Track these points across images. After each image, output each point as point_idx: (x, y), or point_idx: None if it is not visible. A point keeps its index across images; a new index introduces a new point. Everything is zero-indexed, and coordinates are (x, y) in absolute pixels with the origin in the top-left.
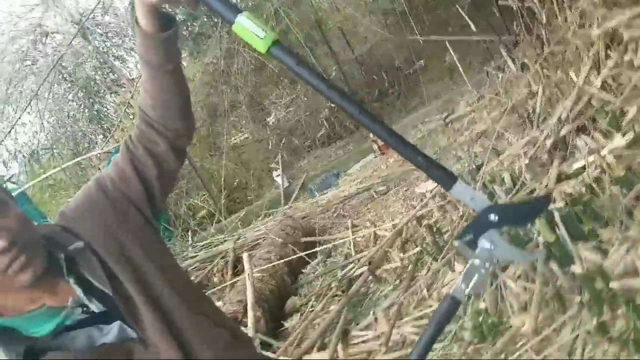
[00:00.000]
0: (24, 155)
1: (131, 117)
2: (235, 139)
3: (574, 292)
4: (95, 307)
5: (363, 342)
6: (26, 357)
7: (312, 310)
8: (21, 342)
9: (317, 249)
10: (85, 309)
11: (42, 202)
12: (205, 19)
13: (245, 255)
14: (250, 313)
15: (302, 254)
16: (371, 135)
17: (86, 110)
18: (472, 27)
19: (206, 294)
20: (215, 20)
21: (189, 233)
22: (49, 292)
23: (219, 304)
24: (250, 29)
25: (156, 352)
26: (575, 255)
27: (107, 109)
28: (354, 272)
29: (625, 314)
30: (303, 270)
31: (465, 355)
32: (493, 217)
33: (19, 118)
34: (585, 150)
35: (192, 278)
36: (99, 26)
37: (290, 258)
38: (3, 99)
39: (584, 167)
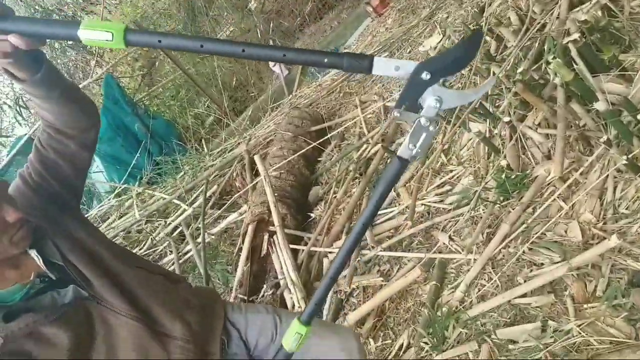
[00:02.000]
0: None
1: None
2: (221, 34)
3: (600, 130)
4: (53, 275)
5: (389, 219)
6: (5, 319)
7: (335, 197)
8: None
9: (329, 135)
10: (44, 278)
11: None
12: None
13: (257, 157)
14: (274, 212)
15: (315, 143)
16: None
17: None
18: None
19: (232, 198)
20: None
21: (202, 143)
22: (16, 268)
23: (244, 207)
24: (96, 39)
25: (108, 305)
26: (597, 89)
27: None
28: (369, 151)
29: None
30: (319, 159)
31: (492, 215)
32: (425, 75)
33: None
34: None
35: (215, 187)
36: None
37: (304, 150)
38: None
39: None
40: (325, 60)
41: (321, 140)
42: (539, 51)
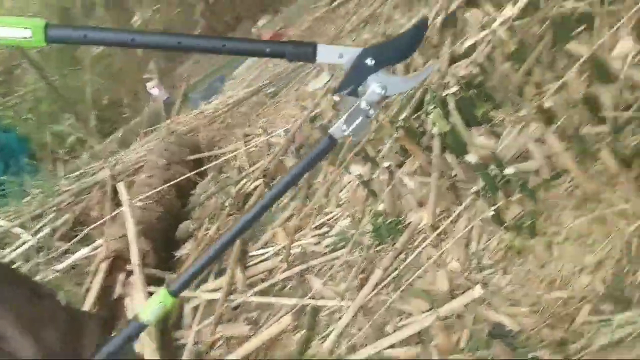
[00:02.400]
0: None
1: None
2: (99, 48)
3: (469, 181)
4: None
5: (263, 261)
6: None
7: (207, 234)
8: None
9: (207, 166)
10: None
11: None
12: None
13: (121, 184)
14: (133, 248)
15: (191, 173)
16: (253, 29)
17: None
18: None
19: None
20: None
21: (59, 164)
22: None
23: (99, 241)
24: (11, 37)
25: None
26: (469, 142)
27: None
28: (250, 186)
29: (520, 199)
30: (193, 192)
31: (367, 259)
32: (370, 61)
33: None
34: (477, 25)
35: (68, 215)
36: None
37: (177, 180)
38: None
39: (475, 45)
40: (267, 49)
41: (198, 170)
42: (420, 100)
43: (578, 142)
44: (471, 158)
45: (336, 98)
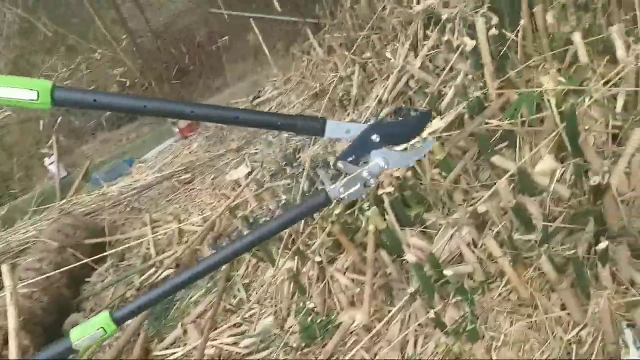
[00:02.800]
0: None
1: None
2: None
3: (404, 282)
4: None
5: None
6: None
7: None
8: None
9: (107, 252)
10: None
11: None
12: None
13: (3, 267)
14: (12, 343)
15: (87, 260)
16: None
17: None
18: (277, 6)
19: None
20: None
21: None
22: None
23: None
24: (15, 98)
25: None
26: (404, 242)
27: None
28: (158, 276)
29: (457, 303)
30: (88, 280)
31: None
32: (375, 137)
33: None
34: None
35: None
36: None
37: (71, 266)
38: None
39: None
40: (279, 122)
41: (96, 257)
42: None
43: (511, 248)
44: (409, 258)
45: (340, 165)
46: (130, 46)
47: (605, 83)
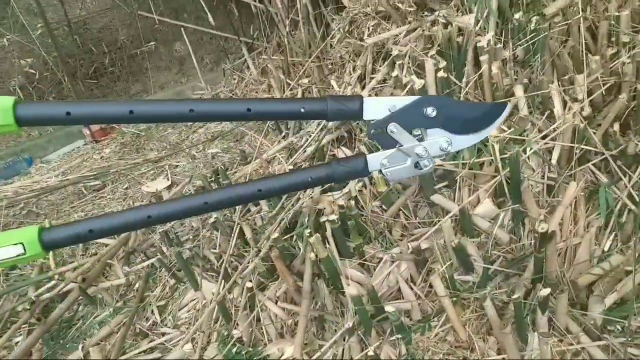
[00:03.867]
0: None
1: None
2: None
3: (338, 315)
4: None
5: None
6: None
7: None
8: None
9: None
10: None
11: None
12: None
13: None
14: None
15: None
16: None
17: None
18: (211, 20)
19: None
20: None
21: None
22: None
23: None
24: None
25: None
26: (343, 273)
27: None
28: (58, 291)
29: (393, 341)
30: None
31: None
32: (432, 111)
33: None
34: None
35: None
36: None
37: None
38: None
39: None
40: (302, 109)
41: None
42: (293, 222)
43: (452, 288)
44: (350, 290)
45: (393, 128)
46: (45, 37)
47: (544, 137)
